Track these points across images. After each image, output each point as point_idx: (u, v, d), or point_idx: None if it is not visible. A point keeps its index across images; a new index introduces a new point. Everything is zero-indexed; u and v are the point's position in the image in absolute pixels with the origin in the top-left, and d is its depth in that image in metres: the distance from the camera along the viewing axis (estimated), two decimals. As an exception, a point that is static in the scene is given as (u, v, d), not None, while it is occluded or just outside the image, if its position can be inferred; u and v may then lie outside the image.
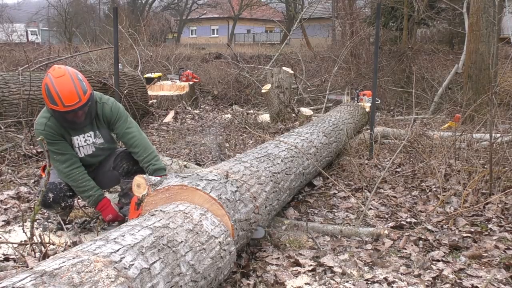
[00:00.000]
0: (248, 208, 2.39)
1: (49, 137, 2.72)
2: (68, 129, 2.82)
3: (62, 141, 2.80)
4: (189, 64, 13.31)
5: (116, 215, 2.90)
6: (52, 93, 2.60)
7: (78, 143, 2.88)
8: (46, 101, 2.65)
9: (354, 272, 2.48)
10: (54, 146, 2.76)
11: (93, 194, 2.86)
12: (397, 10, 13.81)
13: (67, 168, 2.80)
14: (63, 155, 2.79)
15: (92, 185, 2.86)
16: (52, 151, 2.74)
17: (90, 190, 2.85)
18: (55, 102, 2.61)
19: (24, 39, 22.27)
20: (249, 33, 38.99)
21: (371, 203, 3.58)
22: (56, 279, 1.33)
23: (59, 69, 2.67)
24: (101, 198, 2.89)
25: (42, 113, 2.80)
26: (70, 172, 2.80)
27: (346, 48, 10.67)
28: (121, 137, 2.95)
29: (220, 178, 2.38)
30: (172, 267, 1.70)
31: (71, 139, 2.86)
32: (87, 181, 2.85)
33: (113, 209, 2.91)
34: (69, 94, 2.61)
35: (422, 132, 5.50)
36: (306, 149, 3.75)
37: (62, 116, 2.69)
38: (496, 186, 3.59)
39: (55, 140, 2.76)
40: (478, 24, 7.27)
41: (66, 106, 2.62)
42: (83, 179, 2.84)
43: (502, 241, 2.84)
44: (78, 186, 2.83)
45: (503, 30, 11.93)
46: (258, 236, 2.62)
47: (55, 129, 2.76)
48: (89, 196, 2.85)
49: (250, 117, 7.87)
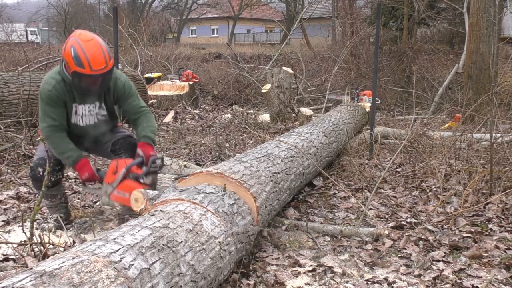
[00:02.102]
0: (246, 221, 2.38)
1: (52, 99, 2.73)
2: (76, 96, 2.81)
3: (60, 108, 2.78)
4: (189, 64, 13.32)
5: (92, 174, 2.85)
6: (81, 56, 2.59)
7: (82, 112, 2.88)
8: (70, 63, 2.62)
9: (354, 272, 2.48)
10: (51, 108, 2.75)
11: (72, 154, 2.83)
12: (397, 10, 13.80)
13: (51, 131, 2.78)
14: (54, 120, 2.77)
15: (71, 147, 2.85)
16: (45, 111, 2.75)
17: (69, 151, 2.83)
18: (82, 65, 2.60)
19: (23, 39, 22.25)
20: (249, 33, 38.96)
21: (371, 203, 3.57)
22: (56, 279, 1.33)
23: (86, 34, 2.68)
24: (80, 158, 2.86)
25: (52, 75, 2.78)
26: (51, 135, 2.79)
27: (346, 48, 10.67)
28: (131, 113, 2.97)
29: (218, 191, 2.37)
30: (172, 267, 1.70)
31: (75, 107, 2.85)
32: (66, 144, 2.84)
33: (90, 168, 2.86)
34: (98, 59, 2.61)
35: (422, 132, 5.50)
36: (306, 149, 3.75)
37: (82, 80, 2.68)
38: (496, 186, 3.59)
39: (56, 104, 2.76)
40: (479, 24, 7.27)
41: (94, 70, 2.62)
42: (63, 141, 2.83)
43: (503, 241, 2.84)
44: (58, 148, 2.82)
45: (503, 30, 11.94)
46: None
47: (61, 93, 2.76)
48: (68, 157, 2.83)
49: (250, 117, 7.87)
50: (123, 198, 2.71)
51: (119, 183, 2.72)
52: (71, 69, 2.64)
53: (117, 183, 2.72)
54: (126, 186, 2.70)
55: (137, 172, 2.74)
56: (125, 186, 2.70)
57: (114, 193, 2.75)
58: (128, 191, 2.62)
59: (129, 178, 2.73)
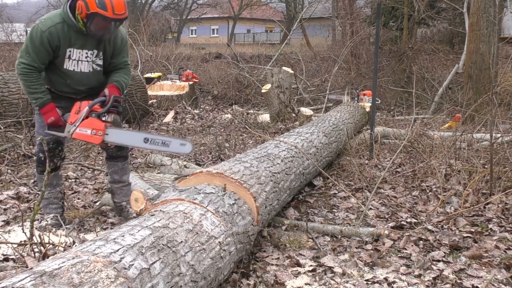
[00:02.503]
0: (246, 221, 2.38)
1: (41, 40, 2.72)
2: (75, 40, 2.81)
3: (46, 52, 2.77)
4: (189, 64, 13.31)
5: (58, 118, 2.89)
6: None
7: (78, 56, 2.87)
8: (91, 4, 2.63)
9: (355, 272, 2.48)
10: (35, 48, 2.74)
11: (42, 97, 2.85)
12: (398, 9, 13.80)
13: (27, 70, 2.78)
14: (34, 61, 2.77)
15: (43, 89, 2.87)
16: (27, 50, 2.75)
17: (40, 93, 2.85)
18: (106, 8, 2.63)
19: (23, 39, 22.24)
20: (249, 33, 38.95)
21: (371, 203, 3.57)
22: (56, 279, 1.33)
23: None
24: (48, 102, 2.88)
25: (51, 16, 2.78)
26: (26, 72, 2.78)
27: (346, 48, 10.67)
28: (116, 65, 3.02)
29: (218, 191, 2.37)
30: (172, 267, 1.70)
31: (70, 52, 2.83)
32: (40, 85, 2.85)
33: (56, 113, 2.89)
34: (121, 4, 2.67)
35: (422, 132, 5.50)
36: (306, 149, 3.75)
37: (97, 23, 2.69)
38: (496, 186, 3.59)
39: (42, 47, 2.74)
40: (479, 24, 7.26)
41: (116, 14, 2.67)
42: (37, 83, 2.83)
43: (503, 241, 2.84)
44: (29, 86, 2.82)
45: (503, 29, 11.94)
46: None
47: (54, 37, 2.75)
48: (37, 98, 2.84)
49: (250, 117, 7.87)
50: (84, 134, 2.80)
51: (81, 121, 2.79)
52: (89, 10, 2.65)
53: (80, 122, 2.80)
54: (87, 123, 2.79)
55: (99, 110, 2.81)
56: (86, 123, 2.79)
57: (77, 131, 2.81)
58: (90, 127, 2.76)
59: (92, 117, 2.80)
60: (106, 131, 2.79)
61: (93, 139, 2.81)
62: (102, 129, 2.78)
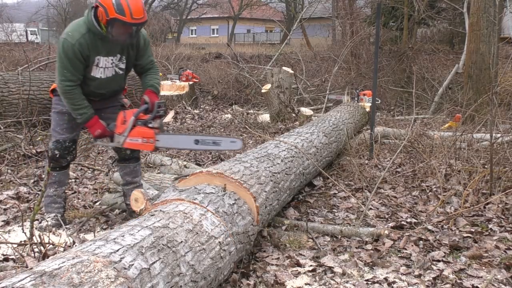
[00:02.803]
0: (246, 221, 2.38)
1: (74, 53, 2.75)
2: (102, 48, 2.84)
3: (80, 63, 2.81)
4: (189, 64, 13.31)
5: (104, 130, 2.96)
6: (123, 4, 2.64)
7: (105, 64, 2.92)
8: (110, 10, 2.65)
9: (355, 272, 2.48)
10: (72, 62, 2.77)
11: (86, 112, 2.91)
12: (398, 9, 13.80)
13: (69, 86, 2.83)
14: (73, 74, 2.81)
15: (86, 104, 2.91)
16: (64, 66, 2.77)
17: (84, 108, 2.90)
18: (124, 13, 2.64)
19: (23, 39, 22.22)
20: (249, 33, 38.94)
21: (371, 203, 3.57)
22: (56, 279, 1.33)
23: None
24: (93, 115, 2.94)
25: (76, 27, 2.78)
26: (70, 90, 2.83)
27: (346, 48, 10.67)
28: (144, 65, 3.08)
29: (218, 191, 2.37)
30: (172, 267, 1.70)
31: (98, 60, 2.87)
32: (83, 100, 2.90)
33: (101, 124, 2.96)
34: (138, 8, 2.69)
35: (422, 132, 5.50)
36: (306, 149, 3.75)
37: (118, 29, 2.71)
38: (496, 186, 3.59)
39: (77, 59, 2.78)
40: (479, 24, 7.26)
41: (134, 18, 2.67)
42: (80, 98, 2.88)
43: (503, 241, 2.84)
44: (73, 104, 2.87)
45: (503, 29, 11.93)
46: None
47: (84, 47, 2.77)
48: (82, 114, 2.90)
49: (250, 117, 7.86)
50: (135, 143, 2.89)
51: (130, 131, 2.86)
52: (109, 16, 2.66)
53: (128, 131, 2.86)
54: (137, 132, 2.86)
55: (145, 118, 2.87)
56: (136, 132, 2.86)
57: (127, 141, 2.89)
58: (140, 136, 2.84)
59: (138, 125, 2.87)
60: (156, 137, 2.86)
61: (145, 147, 2.90)
62: (152, 137, 2.86)
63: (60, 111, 3.00)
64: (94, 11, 2.75)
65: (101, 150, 5.34)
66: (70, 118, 3.00)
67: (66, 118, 3.01)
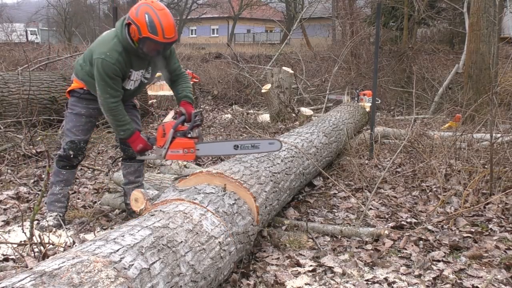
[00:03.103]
0: (246, 221, 2.38)
1: (115, 72, 2.81)
2: (135, 62, 2.90)
3: (120, 79, 2.88)
4: (189, 64, 13.31)
5: (145, 144, 3.02)
6: (156, 23, 2.69)
7: (136, 76, 2.98)
8: (143, 29, 2.69)
9: (355, 272, 2.48)
10: (113, 80, 2.83)
11: (129, 128, 2.96)
12: (398, 9, 13.79)
13: (114, 103, 2.88)
14: (116, 90, 2.87)
15: (129, 120, 2.98)
16: (107, 84, 2.82)
17: (127, 124, 2.95)
18: (156, 32, 2.69)
19: (23, 39, 22.22)
20: (249, 33, 38.93)
21: (372, 203, 3.57)
22: (56, 279, 1.33)
23: (158, 2, 2.77)
24: (134, 131, 3.00)
25: (112, 46, 2.81)
26: (115, 107, 2.89)
27: (346, 48, 10.66)
28: (172, 72, 3.13)
29: (218, 191, 2.37)
30: (172, 267, 1.70)
31: (130, 73, 2.94)
32: (125, 116, 2.96)
33: (143, 139, 3.03)
34: (171, 28, 2.73)
35: (422, 132, 5.50)
36: (306, 149, 3.75)
37: (149, 46, 2.77)
38: (496, 186, 3.59)
39: (117, 76, 2.84)
40: (479, 24, 7.26)
41: (166, 38, 2.73)
42: (124, 114, 2.95)
43: (503, 241, 2.84)
44: (118, 120, 2.92)
45: (503, 29, 11.94)
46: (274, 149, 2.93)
47: (123, 64, 2.84)
48: (125, 130, 2.95)
49: (250, 117, 7.86)
50: (177, 155, 2.95)
51: (170, 143, 2.91)
52: (141, 34, 2.72)
53: (169, 144, 2.92)
54: (177, 144, 2.92)
55: (183, 129, 2.93)
56: (176, 144, 2.92)
57: (169, 153, 2.94)
58: (181, 147, 2.89)
59: (178, 136, 2.92)
60: (196, 146, 2.91)
61: (187, 157, 2.95)
62: (193, 146, 2.91)
63: (78, 113, 3.04)
64: (127, 28, 2.79)
65: (101, 150, 5.34)
66: (87, 120, 3.06)
67: (83, 121, 3.05)
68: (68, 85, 3.30)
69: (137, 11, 2.72)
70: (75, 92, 3.04)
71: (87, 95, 3.01)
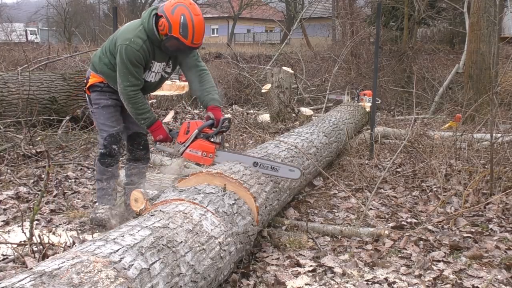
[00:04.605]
0: (246, 221, 2.37)
1: (138, 59, 2.78)
2: (158, 54, 2.88)
3: (142, 67, 2.86)
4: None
5: (166, 135, 2.97)
6: (189, 27, 2.68)
7: (157, 68, 2.96)
8: (175, 28, 2.67)
9: (355, 272, 2.48)
10: (136, 68, 2.81)
11: (150, 116, 2.92)
12: (398, 9, 13.80)
13: (134, 91, 2.85)
14: (137, 79, 2.84)
15: (149, 108, 2.95)
16: (129, 71, 2.80)
17: (148, 112, 2.92)
18: (187, 36, 2.69)
19: (23, 38, 22.22)
20: (249, 33, 38.92)
21: (372, 203, 3.57)
22: (56, 279, 1.32)
23: (195, 6, 2.74)
24: (156, 120, 2.96)
25: (137, 33, 2.79)
26: (134, 95, 2.86)
27: (347, 48, 10.66)
28: (191, 67, 3.05)
29: (218, 191, 2.37)
30: (171, 268, 1.69)
31: (151, 64, 2.92)
32: (146, 104, 2.93)
33: (164, 130, 2.97)
34: (201, 35, 2.73)
35: (422, 132, 5.50)
36: (306, 149, 3.75)
37: (174, 45, 2.75)
38: (497, 186, 3.59)
39: (140, 64, 2.82)
40: (479, 24, 7.26)
41: (194, 43, 2.74)
42: (144, 102, 2.92)
43: (503, 242, 2.84)
44: (138, 108, 2.89)
45: (504, 29, 11.94)
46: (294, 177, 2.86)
47: (146, 53, 2.82)
48: (146, 118, 2.91)
49: (250, 117, 7.86)
50: (194, 155, 2.89)
51: (191, 142, 2.86)
52: (171, 33, 2.70)
53: (190, 142, 2.86)
54: (198, 144, 2.86)
55: (208, 132, 2.89)
56: (197, 145, 2.86)
57: (187, 151, 2.88)
58: (200, 149, 2.84)
59: (200, 137, 2.87)
60: (216, 153, 2.86)
61: (204, 161, 2.89)
62: (213, 152, 2.86)
63: (106, 105, 2.99)
64: (156, 18, 2.76)
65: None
66: (116, 109, 3.02)
67: (113, 110, 3.01)
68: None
69: (174, 9, 2.68)
70: (96, 87, 2.98)
71: (107, 87, 2.98)
